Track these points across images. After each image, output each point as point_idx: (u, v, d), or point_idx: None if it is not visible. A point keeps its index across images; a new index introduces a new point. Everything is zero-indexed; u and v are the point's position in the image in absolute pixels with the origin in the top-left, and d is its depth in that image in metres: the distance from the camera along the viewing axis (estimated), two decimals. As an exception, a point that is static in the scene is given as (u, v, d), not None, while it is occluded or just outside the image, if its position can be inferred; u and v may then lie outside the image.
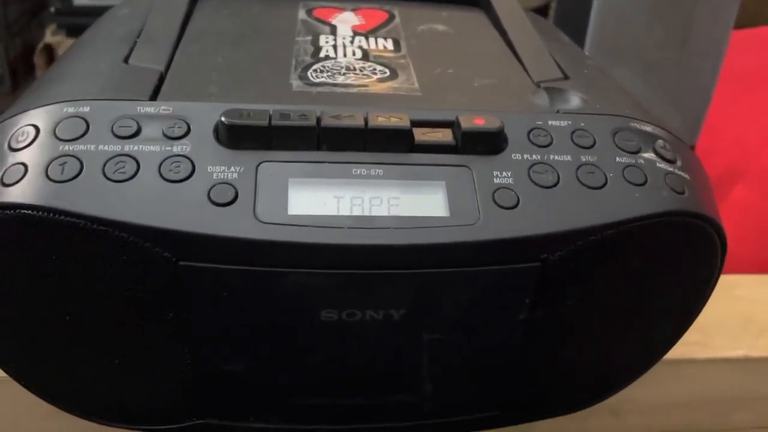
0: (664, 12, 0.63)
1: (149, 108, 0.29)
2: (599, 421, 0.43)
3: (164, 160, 0.27)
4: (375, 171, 0.28)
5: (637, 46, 0.64)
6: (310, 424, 0.33)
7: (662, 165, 0.30)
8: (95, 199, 0.26)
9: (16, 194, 0.26)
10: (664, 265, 0.30)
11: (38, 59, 1.11)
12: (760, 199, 0.77)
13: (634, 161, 0.30)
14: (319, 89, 0.33)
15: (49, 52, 1.09)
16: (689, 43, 0.65)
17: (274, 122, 0.28)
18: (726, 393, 0.44)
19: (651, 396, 0.43)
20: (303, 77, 0.34)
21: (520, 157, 0.29)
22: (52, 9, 1.07)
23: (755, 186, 0.79)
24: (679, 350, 0.36)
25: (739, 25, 0.70)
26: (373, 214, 0.27)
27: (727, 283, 0.38)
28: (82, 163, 0.27)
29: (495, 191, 0.28)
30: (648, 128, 0.32)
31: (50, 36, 1.09)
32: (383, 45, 0.38)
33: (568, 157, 0.30)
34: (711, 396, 0.44)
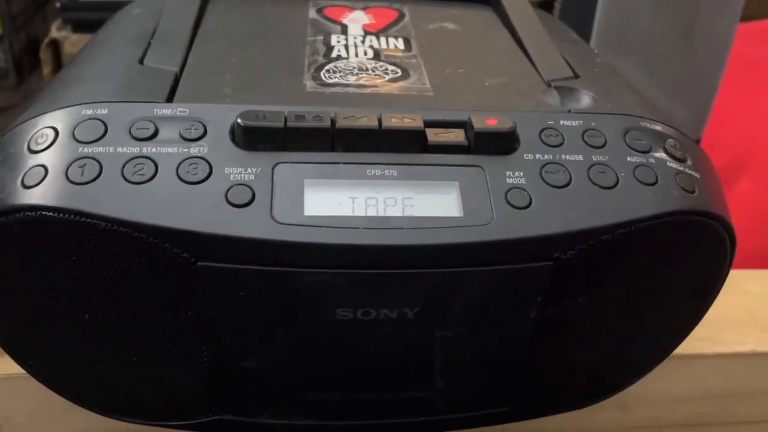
0: (670, 4, 0.63)
1: (166, 110, 0.29)
2: (608, 416, 0.43)
3: (182, 162, 0.28)
4: (389, 172, 0.29)
5: (642, 39, 0.64)
6: (325, 420, 0.34)
7: (673, 164, 0.30)
8: (115, 201, 0.27)
9: (37, 196, 0.27)
10: (674, 264, 0.31)
11: (44, 54, 1.11)
12: (765, 192, 0.77)
13: (644, 161, 0.30)
14: (333, 90, 0.33)
15: (55, 48, 1.09)
16: (695, 35, 0.65)
17: (289, 124, 0.28)
18: (733, 387, 0.44)
19: (659, 391, 0.43)
20: (316, 77, 0.34)
21: (532, 157, 0.30)
22: (58, 4, 1.06)
23: (760, 179, 0.79)
24: (687, 345, 0.36)
25: (746, 17, 0.70)
26: (388, 214, 0.28)
27: (734, 278, 0.38)
28: (101, 165, 0.27)
29: (508, 191, 0.28)
30: (658, 127, 0.32)
31: (56, 31, 1.09)
32: (394, 44, 0.38)
33: (580, 157, 0.30)
34: (718, 390, 0.44)
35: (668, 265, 0.31)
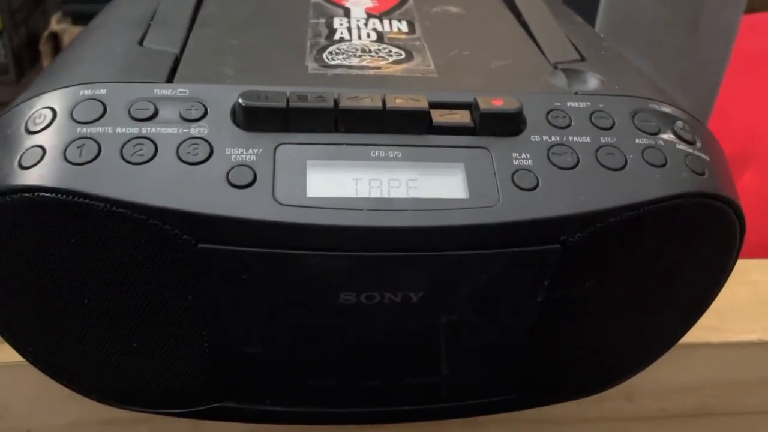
0: (674, -6, 0.63)
1: (166, 90, 0.29)
2: (613, 405, 0.43)
3: (182, 143, 0.27)
4: (393, 153, 0.28)
5: (647, 29, 0.64)
6: (328, 406, 0.33)
7: (682, 146, 0.30)
8: (114, 182, 0.26)
9: (35, 177, 0.26)
10: (683, 247, 0.30)
11: (44, 47, 1.11)
12: (769, 184, 0.77)
13: (653, 142, 0.30)
14: (335, 71, 0.33)
15: (55, 40, 1.08)
16: (700, 26, 0.65)
17: (291, 104, 0.28)
18: (739, 376, 0.44)
19: (665, 379, 0.43)
20: (318, 59, 0.34)
21: (539, 139, 0.29)
22: (58, -4, 1.06)
23: (765, 171, 0.78)
24: (693, 334, 0.36)
25: (751, 9, 0.69)
26: (392, 196, 0.27)
27: (741, 268, 0.37)
28: (100, 146, 0.27)
29: (514, 173, 0.28)
30: (667, 109, 0.31)
31: (55, 24, 1.08)
32: (398, 27, 0.38)
33: (587, 139, 0.29)
34: (724, 379, 0.44)
35: (677, 249, 0.30)
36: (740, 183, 0.77)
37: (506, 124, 0.29)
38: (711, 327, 0.42)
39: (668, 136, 0.30)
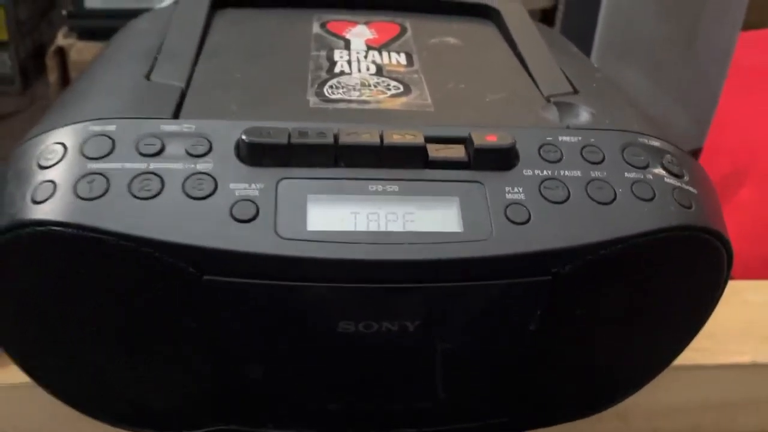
0: (672, 12, 0.64)
1: (172, 126, 0.30)
2: (607, 426, 0.44)
3: (188, 178, 0.28)
4: (391, 187, 0.29)
5: (645, 46, 0.65)
6: (327, 430, 0.34)
7: (670, 180, 0.31)
8: (122, 216, 0.27)
9: (46, 211, 0.27)
10: (671, 279, 0.31)
11: (50, 61, 1.13)
12: (766, 200, 0.78)
13: (642, 176, 0.31)
14: (336, 106, 0.34)
15: (61, 55, 1.10)
16: (697, 43, 0.66)
17: (293, 140, 0.29)
18: (732, 397, 0.44)
19: (658, 401, 0.43)
20: (319, 93, 0.35)
21: (531, 173, 0.30)
22: (64, 12, 1.08)
23: (762, 186, 0.79)
24: (686, 356, 0.37)
25: (747, 26, 0.70)
26: (389, 229, 0.28)
27: (734, 289, 0.38)
28: (109, 181, 0.28)
29: (507, 207, 0.29)
30: (656, 143, 0.32)
31: (62, 39, 1.10)
32: (396, 60, 0.39)
33: (578, 173, 0.30)
34: (717, 400, 0.44)
35: (665, 280, 0.31)
36: (738, 198, 0.78)
37: (500, 159, 0.30)
38: (704, 349, 0.43)
39: (657, 170, 0.31)
